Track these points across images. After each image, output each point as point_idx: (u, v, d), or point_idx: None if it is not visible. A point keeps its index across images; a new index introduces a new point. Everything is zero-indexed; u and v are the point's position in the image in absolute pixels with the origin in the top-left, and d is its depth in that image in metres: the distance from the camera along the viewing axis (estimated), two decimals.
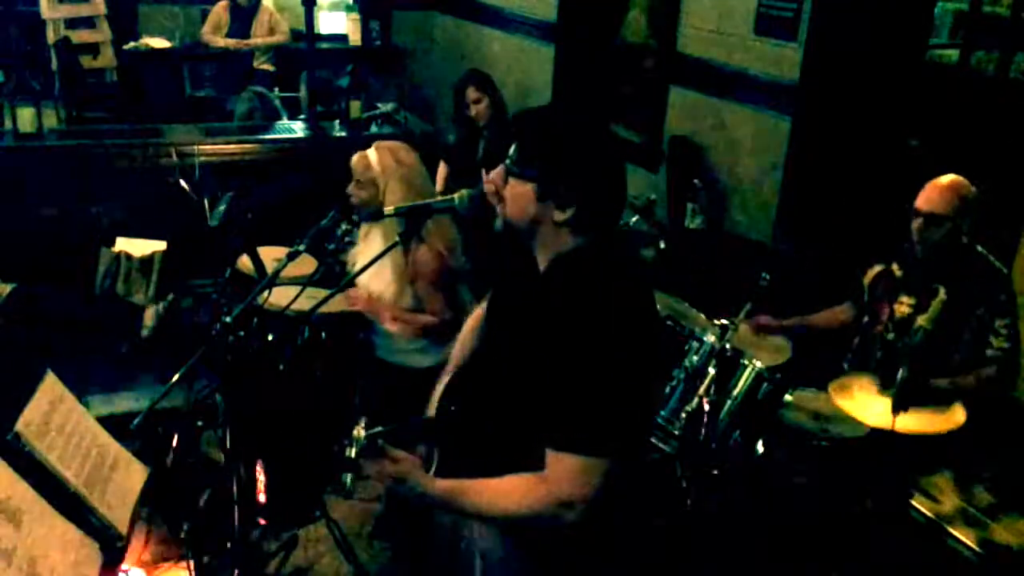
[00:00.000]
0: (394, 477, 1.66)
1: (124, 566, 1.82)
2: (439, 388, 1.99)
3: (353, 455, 1.62)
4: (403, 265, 2.83)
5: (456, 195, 2.01)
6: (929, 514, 2.65)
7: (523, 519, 1.61)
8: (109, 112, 6.56)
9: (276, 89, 6.48)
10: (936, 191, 2.82)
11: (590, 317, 1.55)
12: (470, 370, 1.94)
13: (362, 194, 2.86)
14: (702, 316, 3.17)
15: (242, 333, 2.12)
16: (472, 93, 4.30)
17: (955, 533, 2.57)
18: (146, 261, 4.14)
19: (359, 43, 7.32)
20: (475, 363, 1.95)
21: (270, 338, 3.02)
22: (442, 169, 4.62)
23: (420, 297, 2.85)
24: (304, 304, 2.37)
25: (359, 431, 1.65)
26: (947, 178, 2.85)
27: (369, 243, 2.93)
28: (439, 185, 4.51)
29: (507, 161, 1.68)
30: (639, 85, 5.42)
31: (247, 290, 2.30)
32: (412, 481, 1.66)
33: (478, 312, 2.10)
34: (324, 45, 7.29)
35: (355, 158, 2.90)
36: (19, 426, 1.71)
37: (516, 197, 1.66)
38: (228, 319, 2.08)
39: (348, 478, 1.66)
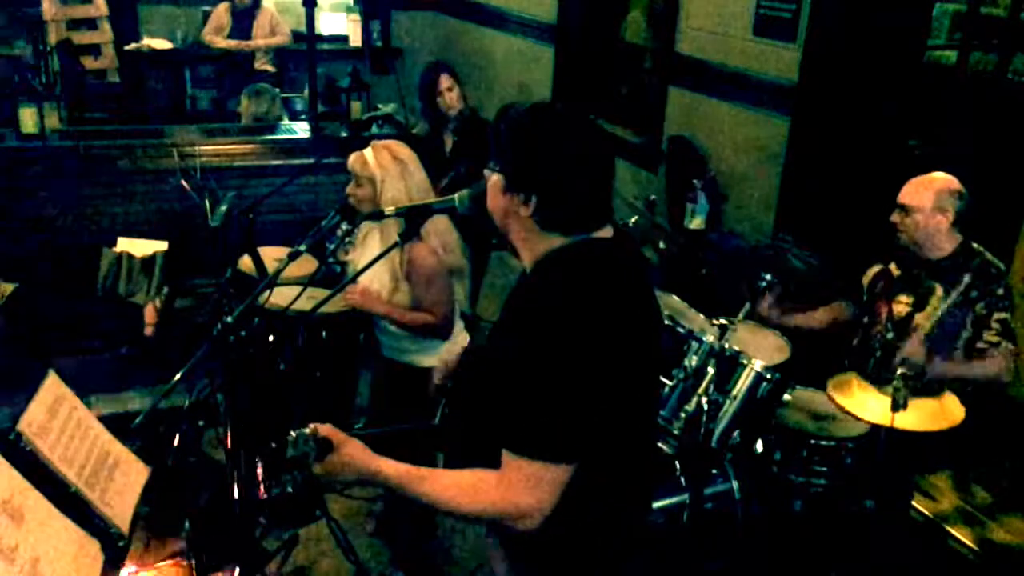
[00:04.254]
0: (344, 464, 1.60)
1: (125, 565, 1.82)
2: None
3: (289, 457, 1.57)
4: (401, 264, 2.84)
5: (456, 195, 2.02)
6: (928, 513, 2.66)
7: (475, 519, 1.57)
8: (110, 113, 6.57)
9: (277, 90, 6.49)
10: (913, 184, 2.89)
11: (551, 321, 1.51)
12: (474, 371, 1.94)
13: (360, 192, 2.87)
14: (701, 316, 3.18)
15: (243, 333, 2.12)
16: (445, 81, 4.24)
17: (954, 532, 2.58)
18: (148, 261, 4.15)
19: (360, 44, 7.32)
20: (479, 363, 1.95)
21: (271, 338, 3.03)
22: None
23: (417, 296, 2.86)
24: (305, 304, 2.38)
25: (297, 433, 1.59)
26: (929, 174, 2.89)
27: (369, 243, 2.94)
28: None
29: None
30: (639, 85, 5.43)
31: (248, 290, 2.31)
32: (358, 466, 1.59)
33: None
34: (325, 46, 7.30)
35: (352, 157, 2.91)
36: (21, 426, 1.72)
37: (490, 189, 1.67)
38: (229, 319, 2.08)
39: (288, 479, 1.63)
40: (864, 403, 2.56)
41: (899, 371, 2.45)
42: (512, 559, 1.76)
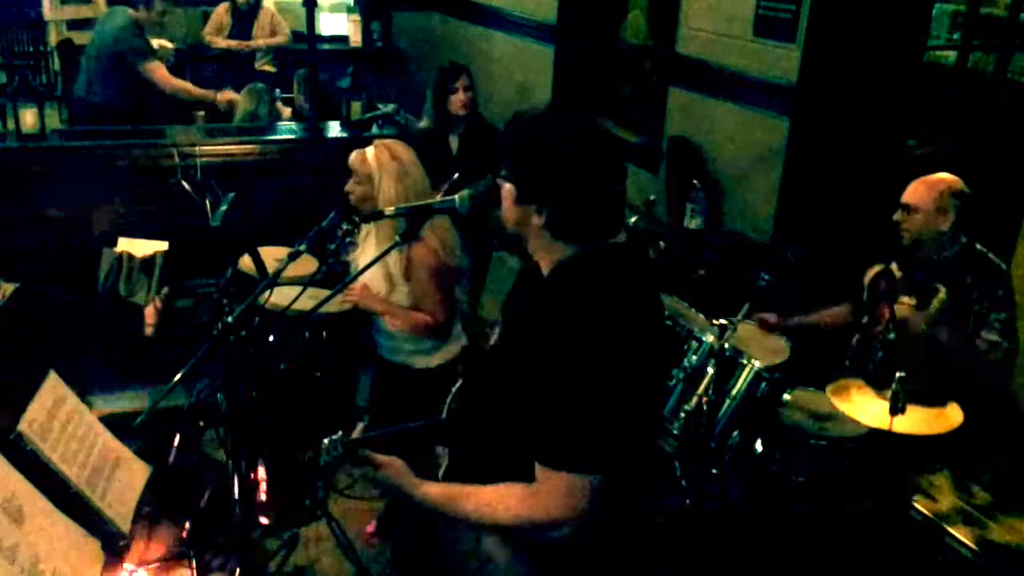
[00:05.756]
0: (381, 482, 1.70)
1: (126, 565, 1.83)
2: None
3: (323, 463, 1.68)
4: (400, 263, 2.85)
5: (457, 195, 2.02)
6: (927, 513, 2.65)
7: (512, 530, 1.62)
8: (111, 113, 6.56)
9: (277, 90, 6.49)
10: (917, 184, 2.91)
11: (574, 333, 1.52)
12: (482, 372, 1.94)
13: (358, 190, 2.88)
14: (701, 316, 3.18)
15: (243, 333, 2.13)
16: (464, 80, 4.24)
17: (953, 532, 2.58)
18: (148, 261, 4.14)
19: (360, 44, 7.33)
20: (488, 365, 1.95)
21: (271, 338, 3.03)
22: None
23: (417, 296, 2.86)
24: (305, 304, 2.39)
25: (329, 440, 1.70)
26: (934, 175, 2.91)
27: (369, 243, 2.94)
28: None
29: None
30: (639, 86, 5.43)
31: (248, 290, 2.31)
32: (400, 486, 1.70)
33: None
34: (325, 46, 7.29)
35: (353, 155, 2.93)
36: (22, 426, 1.72)
37: (503, 198, 1.67)
38: (229, 319, 2.09)
39: (320, 486, 1.72)
40: (863, 407, 2.56)
41: (898, 375, 2.45)
42: (515, 555, 1.77)
